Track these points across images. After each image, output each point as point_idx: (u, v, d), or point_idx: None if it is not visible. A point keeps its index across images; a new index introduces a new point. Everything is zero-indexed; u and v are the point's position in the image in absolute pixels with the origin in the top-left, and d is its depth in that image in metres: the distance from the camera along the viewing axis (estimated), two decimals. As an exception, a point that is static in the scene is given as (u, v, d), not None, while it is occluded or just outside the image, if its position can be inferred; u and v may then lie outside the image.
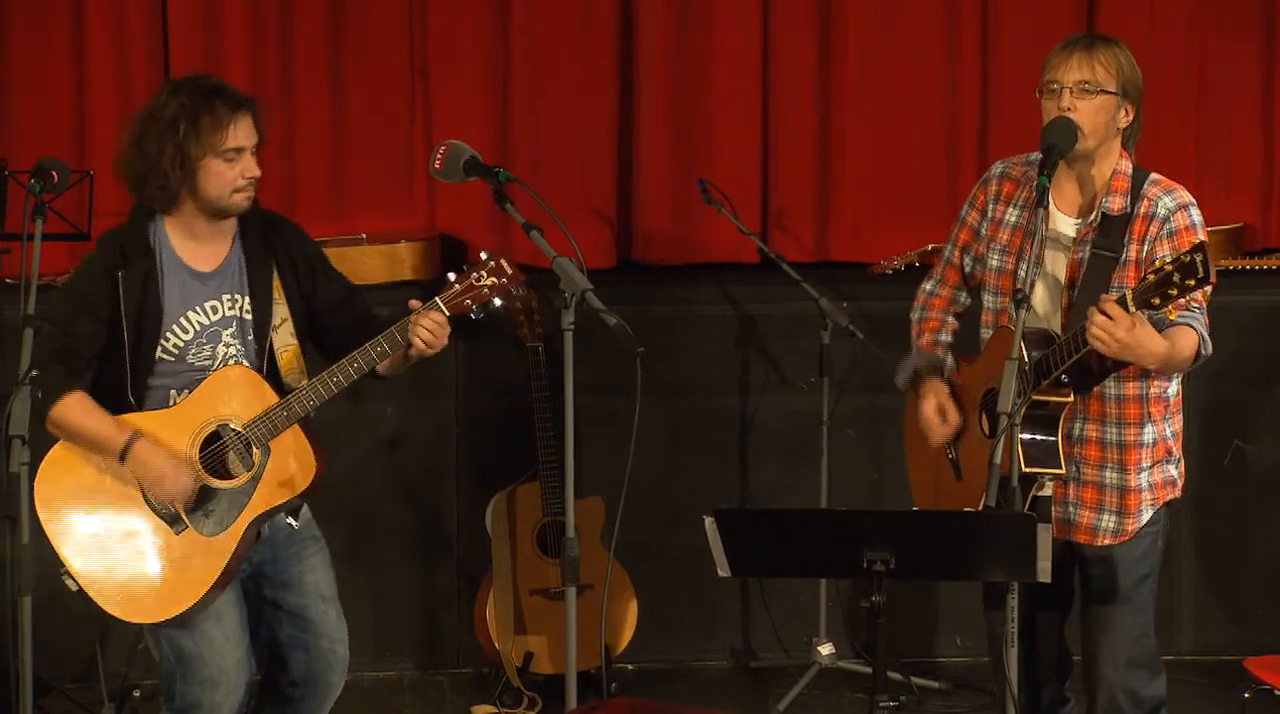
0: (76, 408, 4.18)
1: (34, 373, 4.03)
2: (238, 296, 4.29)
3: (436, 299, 4.23)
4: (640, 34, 6.23)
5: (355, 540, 5.80)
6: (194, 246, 4.28)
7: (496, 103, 6.20)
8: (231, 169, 4.20)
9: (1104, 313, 4.01)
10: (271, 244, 4.33)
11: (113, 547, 4.22)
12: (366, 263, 5.97)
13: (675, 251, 6.30)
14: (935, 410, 4.43)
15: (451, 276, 4.25)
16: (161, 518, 4.23)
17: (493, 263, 4.23)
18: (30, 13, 6.06)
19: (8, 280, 5.41)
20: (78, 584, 4.23)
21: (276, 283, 4.32)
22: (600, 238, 6.23)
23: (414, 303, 4.24)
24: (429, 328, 4.19)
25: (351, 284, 4.48)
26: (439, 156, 4.37)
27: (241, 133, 4.20)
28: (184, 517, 4.22)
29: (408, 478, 5.96)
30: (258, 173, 4.24)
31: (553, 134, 6.22)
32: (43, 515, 4.22)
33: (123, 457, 4.19)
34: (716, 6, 6.23)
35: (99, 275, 4.22)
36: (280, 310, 4.32)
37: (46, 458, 4.24)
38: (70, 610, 5.55)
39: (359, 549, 5.82)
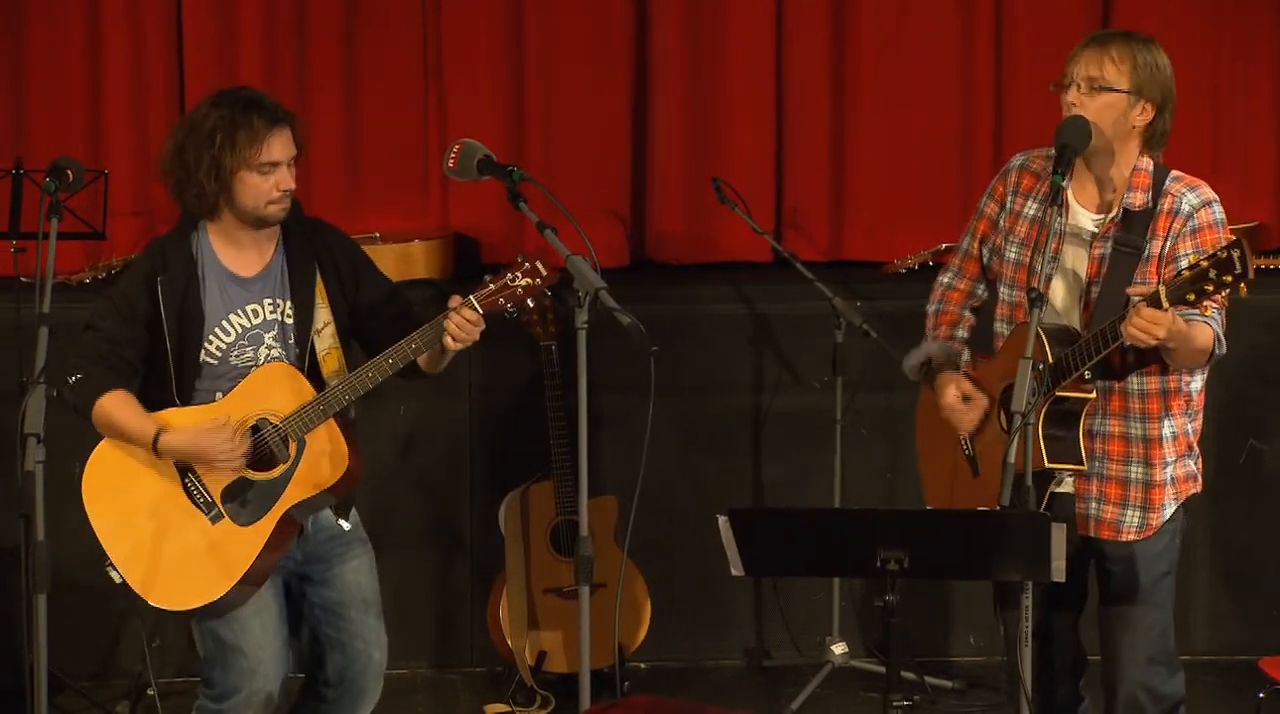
0: (113, 404, 4.26)
1: (78, 376, 4.21)
2: (280, 301, 4.36)
3: (471, 297, 4.30)
4: (654, 33, 6.23)
5: (369, 539, 5.80)
6: (236, 252, 4.35)
7: (511, 102, 6.20)
8: (266, 182, 4.27)
9: (1142, 316, 3.99)
10: (315, 248, 4.41)
11: (151, 536, 4.30)
12: (380, 262, 5.88)
13: (689, 250, 6.30)
14: (958, 397, 4.41)
15: (487, 277, 4.33)
16: (198, 507, 4.31)
17: (528, 264, 4.31)
18: (46, 12, 6.08)
19: (24, 279, 5.42)
20: (121, 575, 4.30)
21: (320, 287, 4.39)
22: (614, 237, 6.23)
23: (454, 300, 4.30)
24: (459, 324, 4.26)
25: (394, 284, 4.55)
26: (453, 155, 4.38)
27: (277, 147, 4.27)
28: (220, 506, 4.30)
29: (422, 477, 5.96)
30: (292, 186, 4.31)
31: (566, 133, 6.23)
32: (89, 508, 4.32)
33: (155, 450, 4.27)
34: (730, 6, 6.23)
35: (140, 282, 4.32)
36: (323, 314, 4.39)
37: (93, 453, 4.35)
38: (85, 608, 5.56)
39: (374, 547, 5.81)
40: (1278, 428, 6.00)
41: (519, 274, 4.30)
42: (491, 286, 4.31)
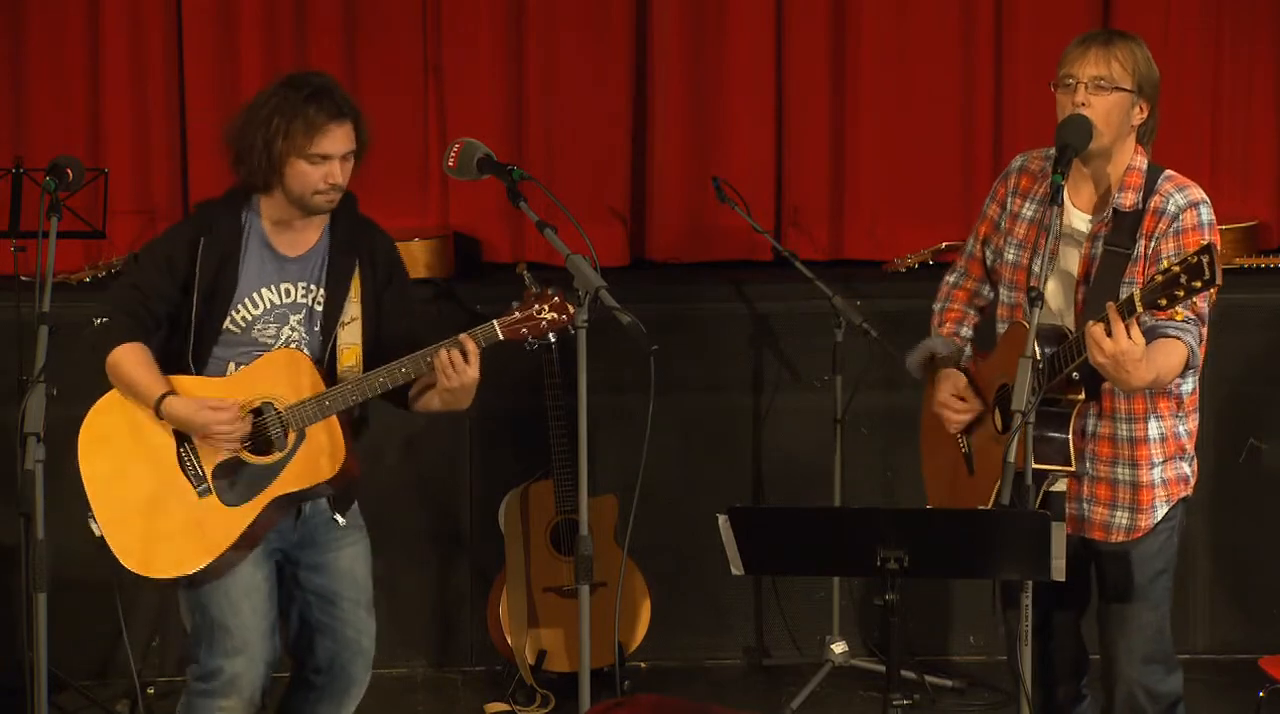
0: (131, 357, 4.27)
1: (104, 319, 4.23)
2: (313, 286, 4.36)
3: (494, 323, 4.31)
4: (655, 32, 6.23)
5: (369, 538, 5.80)
6: (282, 230, 4.36)
7: (510, 101, 6.21)
8: (316, 172, 4.27)
9: (1090, 334, 3.99)
10: (358, 242, 4.40)
11: (137, 498, 4.29)
12: (380, 261, 5.97)
13: (689, 249, 6.30)
14: (952, 395, 4.41)
15: (515, 304, 4.33)
16: (188, 478, 4.30)
17: (556, 299, 4.31)
18: (46, 12, 6.08)
19: (24, 278, 5.43)
20: (101, 529, 4.27)
21: (356, 281, 4.39)
22: (614, 236, 6.23)
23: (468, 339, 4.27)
24: (445, 359, 4.26)
25: (418, 308, 4.55)
26: (453, 154, 4.39)
27: (332, 140, 4.26)
28: (209, 481, 4.29)
29: (421, 476, 5.96)
30: (341, 180, 4.30)
31: (566, 132, 6.23)
32: (82, 457, 4.29)
33: (157, 411, 4.26)
34: (731, 5, 6.23)
35: (183, 240, 4.34)
36: (353, 308, 4.39)
37: (98, 403, 4.33)
38: (86, 607, 5.57)
39: (373, 547, 5.81)
40: (1277, 426, 6.00)
41: (546, 307, 4.30)
42: (517, 314, 4.31)
